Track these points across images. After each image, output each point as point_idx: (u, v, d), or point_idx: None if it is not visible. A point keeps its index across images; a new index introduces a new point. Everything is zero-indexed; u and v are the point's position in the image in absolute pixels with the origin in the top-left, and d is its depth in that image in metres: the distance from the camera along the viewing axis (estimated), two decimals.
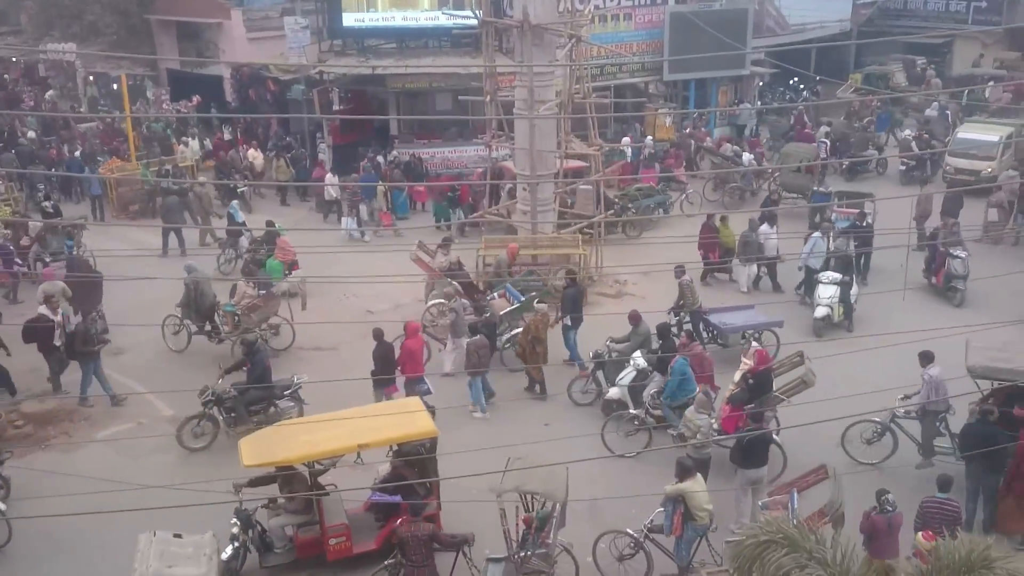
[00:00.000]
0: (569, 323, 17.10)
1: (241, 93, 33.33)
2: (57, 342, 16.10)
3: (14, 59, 45.66)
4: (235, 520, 11.50)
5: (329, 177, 25.59)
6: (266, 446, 11.71)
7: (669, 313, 17.30)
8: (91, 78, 41.64)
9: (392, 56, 29.11)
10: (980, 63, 38.87)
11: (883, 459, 13.82)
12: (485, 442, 13.44)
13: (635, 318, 15.75)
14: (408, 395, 14.40)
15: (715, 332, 17.29)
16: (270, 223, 21.42)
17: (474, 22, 23.95)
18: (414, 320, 16.34)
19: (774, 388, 13.93)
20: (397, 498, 11.80)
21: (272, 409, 14.80)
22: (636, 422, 14.53)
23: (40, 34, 40.63)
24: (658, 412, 14.53)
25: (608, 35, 30.37)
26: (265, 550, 11.72)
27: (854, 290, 18.55)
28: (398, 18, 28.87)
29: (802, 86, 37.85)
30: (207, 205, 24.35)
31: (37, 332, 16.21)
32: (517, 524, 11.11)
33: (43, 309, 16.40)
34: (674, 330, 16.59)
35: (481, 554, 11.07)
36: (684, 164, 28.57)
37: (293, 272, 19.98)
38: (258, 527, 11.70)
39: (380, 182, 25.47)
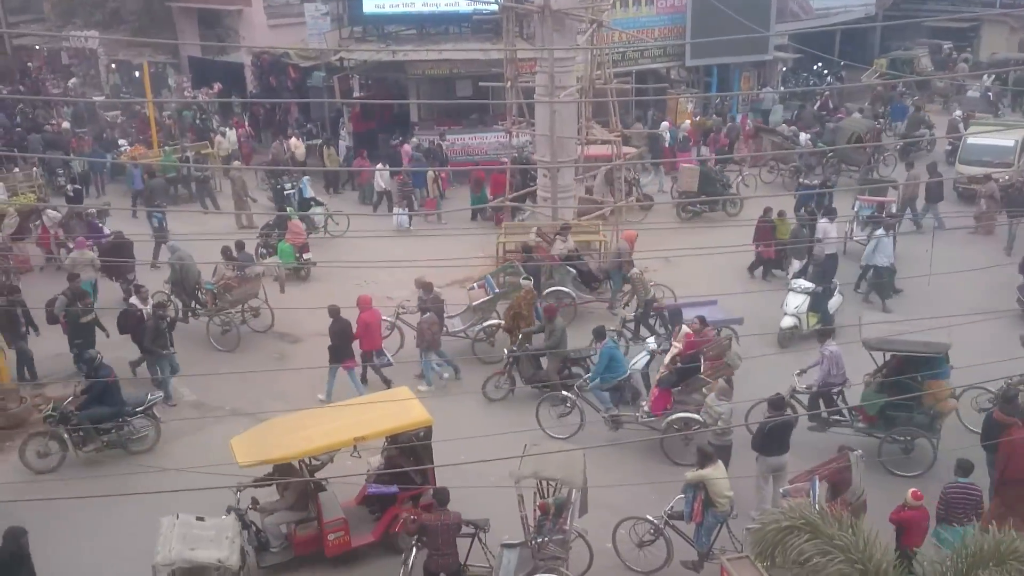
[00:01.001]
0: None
1: (262, 80, 33.42)
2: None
3: (37, 47, 45.97)
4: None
5: (381, 171, 25.25)
6: (259, 445, 11.39)
7: (624, 307, 17.21)
8: (113, 66, 41.91)
9: (412, 42, 29.05)
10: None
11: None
12: (477, 429, 13.54)
13: (550, 312, 15.32)
14: (367, 368, 15.66)
15: (668, 326, 16.76)
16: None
17: (495, 7, 23.86)
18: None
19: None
20: (394, 488, 11.75)
21: (125, 428, 14.00)
22: (567, 403, 14.57)
23: (63, 22, 40.86)
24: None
25: (630, 20, 30.19)
26: (261, 549, 11.46)
27: (835, 300, 17.52)
28: (418, 4, 28.77)
29: (826, 71, 37.50)
30: (242, 190, 24.55)
31: (128, 322, 16.11)
32: (534, 510, 11.10)
33: (134, 299, 16.40)
34: (630, 325, 16.90)
35: (492, 540, 11.06)
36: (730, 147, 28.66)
37: (304, 255, 20.65)
38: (253, 527, 11.43)
39: (429, 168, 25.50)
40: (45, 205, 22.80)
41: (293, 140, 28.23)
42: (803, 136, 28.43)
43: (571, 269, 18.58)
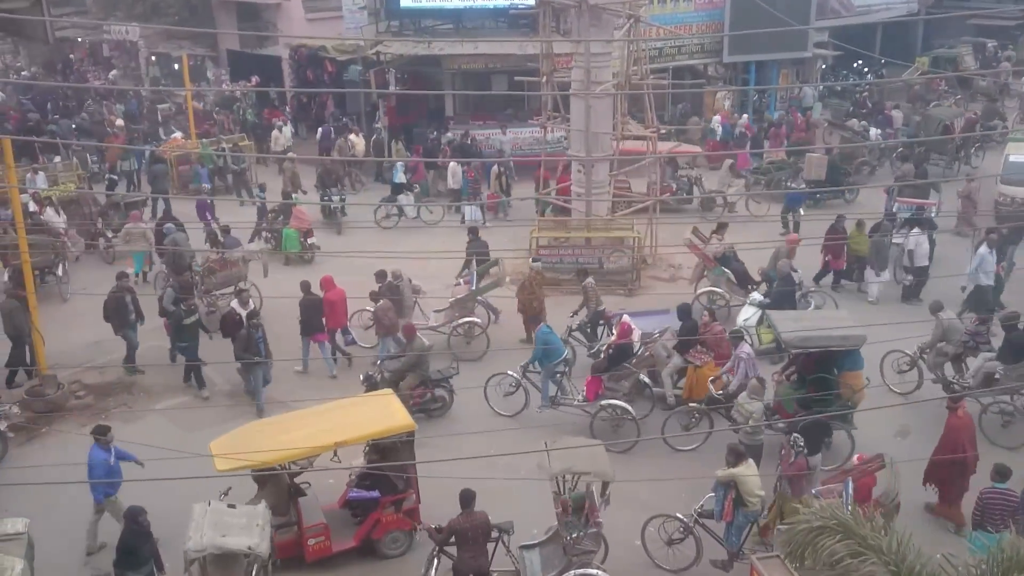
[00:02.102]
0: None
1: (299, 73, 33.63)
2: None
3: (79, 39, 46.60)
4: None
5: (454, 167, 24.94)
6: (238, 449, 11.10)
7: (572, 316, 16.95)
8: (153, 58, 42.39)
9: (448, 37, 29.08)
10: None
11: (701, 443, 13.89)
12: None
13: (409, 332, 14.99)
14: (333, 345, 16.49)
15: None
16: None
17: (531, 2, 23.80)
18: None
19: None
20: (375, 493, 11.68)
21: None
22: (513, 384, 15.02)
23: (104, 14, 41.37)
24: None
25: (667, 16, 30.02)
26: None
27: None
28: None
29: (866, 69, 37.03)
30: (295, 181, 24.91)
31: (227, 326, 15.99)
32: (557, 507, 11.08)
33: (235, 303, 16.17)
34: (576, 334, 16.69)
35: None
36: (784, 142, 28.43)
37: (308, 240, 21.33)
38: None
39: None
40: (84, 193, 23.19)
41: (353, 136, 28.25)
42: (873, 131, 28.21)
43: (725, 269, 18.16)
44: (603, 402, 14.24)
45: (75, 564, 11.74)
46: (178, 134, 30.30)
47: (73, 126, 30.89)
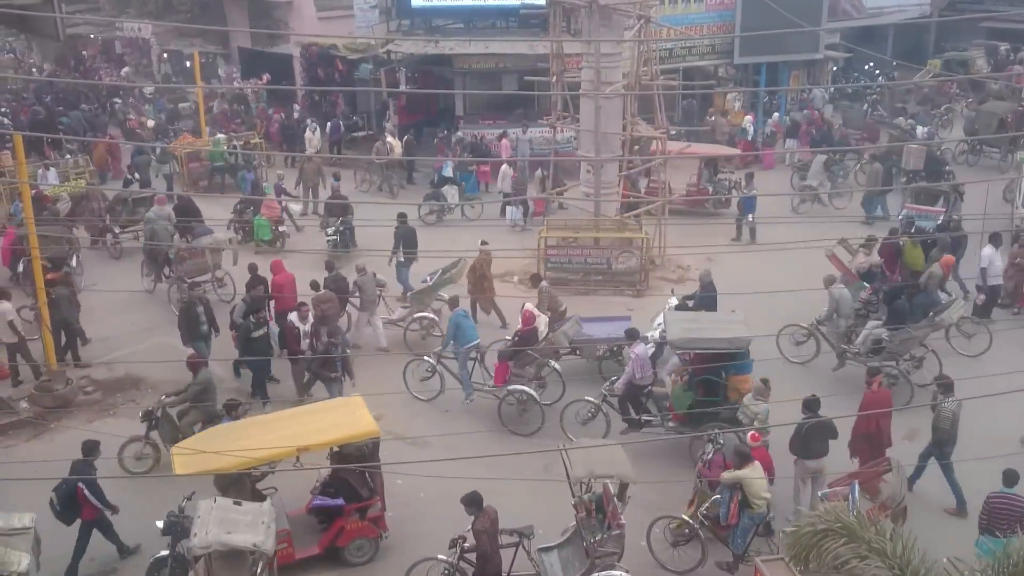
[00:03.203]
0: (402, 259, 18.78)
1: (310, 72, 33.70)
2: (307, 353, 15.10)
3: (92, 36, 46.83)
4: (164, 531, 10.85)
5: (505, 168, 24.71)
6: (200, 454, 10.97)
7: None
8: (165, 55, 42.54)
9: (459, 36, 29.10)
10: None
11: (603, 436, 13.94)
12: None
13: (193, 364, 14.19)
14: (280, 325, 16.08)
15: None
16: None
17: (542, 2, 23.79)
18: None
19: None
20: (339, 501, 11.57)
21: None
22: (429, 369, 15.41)
23: (117, 11, 41.57)
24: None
25: (678, 17, 29.96)
26: None
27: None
28: None
29: (878, 71, 36.89)
30: (314, 176, 25.16)
31: (286, 339, 15.63)
32: (576, 509, 11.05)
33: (292, 316, 15.51)
34: None
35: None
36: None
37: (279, 228, 21.93)
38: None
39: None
40: (93, 188, 23.34)
41: (390, 139, 28.06)
42: (920, 129, 28.20)
43: (866, 285, 17.19)
44: (510, 387, 14.59)
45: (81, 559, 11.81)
46: (151, 123, 30.53)
47: (79, 113, 31.16)
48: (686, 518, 11.46)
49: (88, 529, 11.51)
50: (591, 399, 14.36)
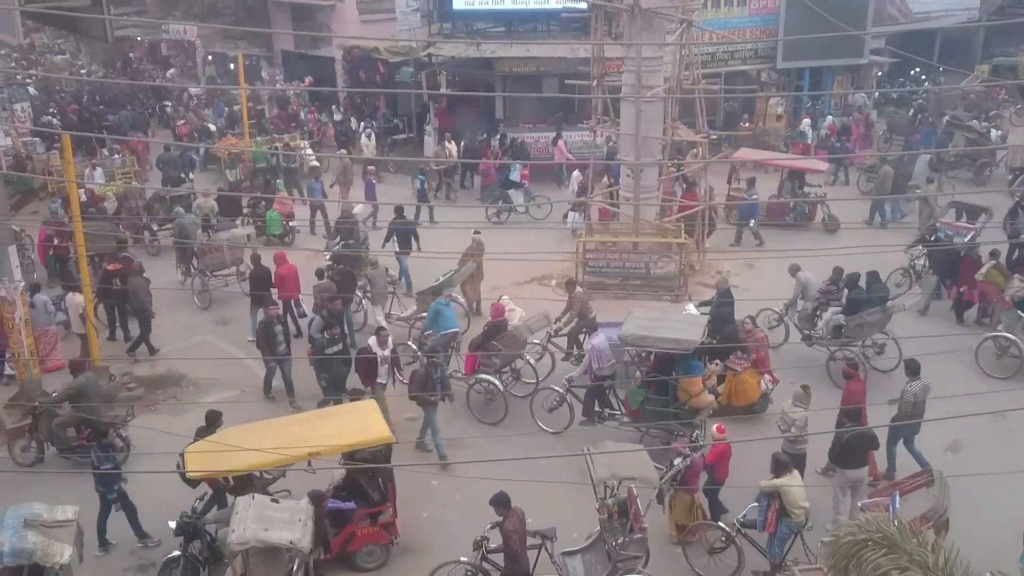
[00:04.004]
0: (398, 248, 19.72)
1: (352, 74, 33.97)
2: (382, 379, 14.51)
3: (139, 38, 47.58)
4: (177, 531, 11.01)
5: (576, 175, 24.56)
6: (212, 455, 10.95)
7: (556, 321, 16.65)
8: (210, 58, 43.09)
9: (500, 39, 29.14)
10: None
11: (565, 427, 14.50)
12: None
13: (74, 370, 14.00)
14: (287, 314, 16.90)
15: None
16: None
17: (584, 5, 23.75)
18: None
19: None
20: (351, 505, 11.58)
21: None
22: (412, 356, 15.73)
23: (163, 14, 42.20)
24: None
25: (720, 21, 29.73)
26: (215, 561, 11.06)
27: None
28: (507, 1, 28.85)
29: (924, 77, 36.36)
30: (349, 176, 25.41)
31: (360, 363, 14.84)
32: (599, 512, 11.02)
33: (372, 341, 14.83)
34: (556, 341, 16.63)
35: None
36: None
37: (289, 223, 22.71)
38: (207, 537, 11.08)
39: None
40: (131, 187, 23.80)
41: (449, 144, 27.93)
42: (994, 132, 27.85)
43: (1022, 314, 16.17)
44: (478, 376, 15.05)
45: (121, 552, 11.99)
46: (212, 127, 30.95)
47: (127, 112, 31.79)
48: (723, 525, 11.37)
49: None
50: (555, 387, 14.78)
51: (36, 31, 50.75)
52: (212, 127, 32.23)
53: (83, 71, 46.77)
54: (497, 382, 14.97)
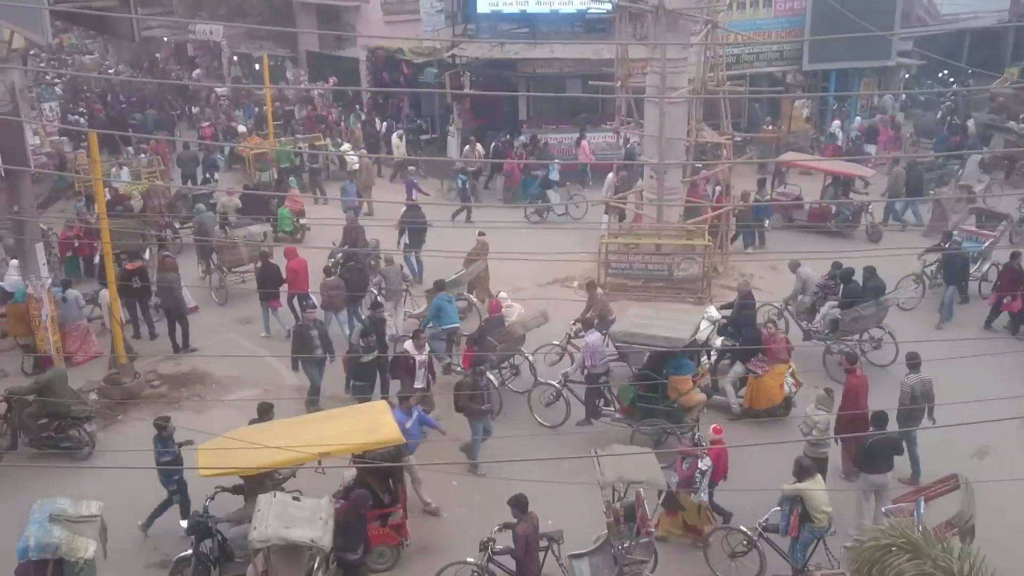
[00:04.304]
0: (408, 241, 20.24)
1: (376, 75, 34.09)
2: (419, 383, 14.38)
3: (165, 39, 47.98)
4: (188, 530, 11.08)
5: (611, 178, 23.96)
6: (223, 454, 10.97)
7: (574, 323, 16.54)
8: (235, 58, 43.37)
9: (524, 40, 29.12)
10: None
11: (561, 422, 14.73)
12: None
13: (43, 365, 14.66)
14: (300, 310, 17.00)
15: None
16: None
17: (608, 7, 23.71)
18: None
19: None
20: None
21: None
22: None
23: (190, 14, 42.56)
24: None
25: (746, 22, 29.57)
26: (225, 560, 11.10)
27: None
28: (532, 2, 28.84)
29: (952, 79, 35.99)
30: (369, 177, 25.62)
31: (399, 367, 14.85)
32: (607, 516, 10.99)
33: (408, 344, 14.75)
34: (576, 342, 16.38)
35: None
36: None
37: (299, 220, 23.15)
38: (218, 536, 11.12)
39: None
40: (159, 185, 24.06)
41: (479, 146, 28.24)
42: None
43: None
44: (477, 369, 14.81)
45: (144, 548, 12.09)
46: (243, 128, 31.19)
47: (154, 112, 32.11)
48: (744, 530, 11.31)
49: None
50: (552, 382, 14.94)
51: (65, 31, 51.34)
52: (242, 128, 32.38)
53: (110, 71, 47.24)
54: (492, 377, 14.89)
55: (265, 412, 12.57)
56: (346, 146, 28.91)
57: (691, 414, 13.84)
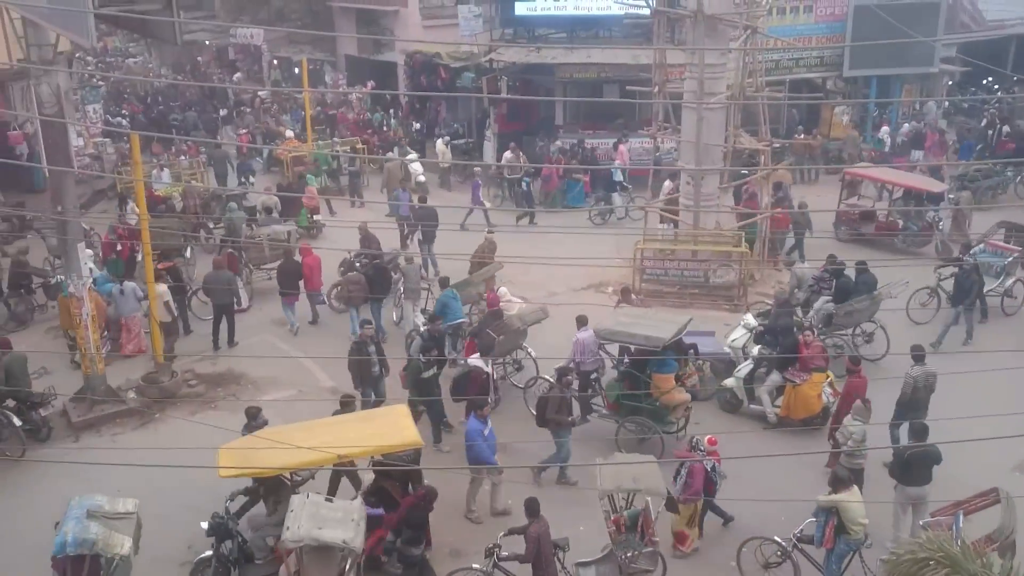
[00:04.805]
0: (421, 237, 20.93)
1: (413, 79, 34.25)
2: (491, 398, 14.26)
3: (207, 42, 48.58)
4: (209, 531, 11.02)
5: (668, 185, 23.34)
6: (243, 455, 11.00)
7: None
8: (275, 62, 43.82)
9: (562, 45, 29.11)
10: None
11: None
12: None
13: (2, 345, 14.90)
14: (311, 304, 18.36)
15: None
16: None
17: (647, 11, 23.65)
18: None
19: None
20: (379, 511, 11.48)
21: None
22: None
23: (231, 19, 43.05)
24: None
25: (786, 28, 29.36)
26: (245, 561, 11.07)
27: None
28: (570, 7, 28.84)
29: (996, 86, 35.41)
30: (394, 179, 25.63)
31: (471, 384, 14.17)
32: (610, 525, 10.97)
33: (474, 359, 14.53)
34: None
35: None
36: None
37: (314, 217, 23.91)
38: (239, 538, 11.10)
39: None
40: (188, 187, 24.41)
41: (519, 152, 28.24)
42: None
43: None
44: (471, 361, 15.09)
45: (179, 546, 12.14)
46: (290, 134, 31.38)
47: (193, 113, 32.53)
48: (779, 540, 11.18)
49: None
50: (546, 377, 14.94)
51: (109, 35, 52.14)
52: (290, 133, 32.58)
53: (152, 74, 47.97)
54: (488, 369, 14.78)
55: (347, 405, 12.88)
56: (412, 155, 28.25)
57: (675, 413, 14.09)
